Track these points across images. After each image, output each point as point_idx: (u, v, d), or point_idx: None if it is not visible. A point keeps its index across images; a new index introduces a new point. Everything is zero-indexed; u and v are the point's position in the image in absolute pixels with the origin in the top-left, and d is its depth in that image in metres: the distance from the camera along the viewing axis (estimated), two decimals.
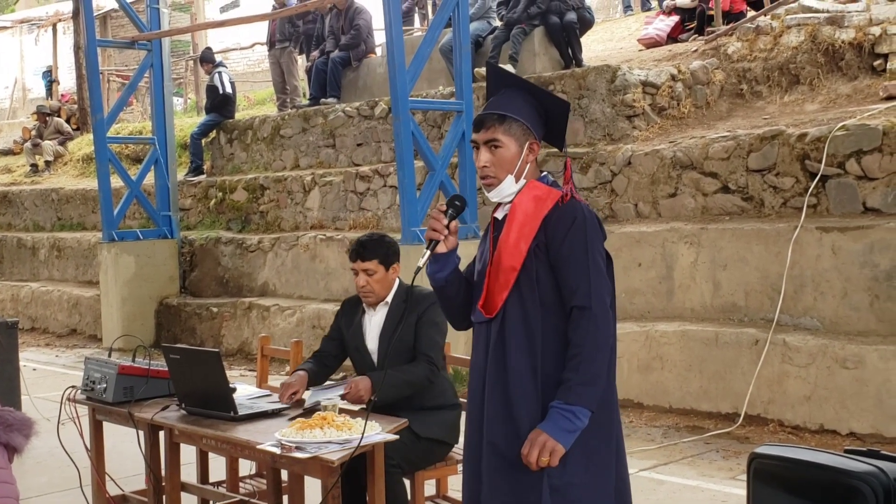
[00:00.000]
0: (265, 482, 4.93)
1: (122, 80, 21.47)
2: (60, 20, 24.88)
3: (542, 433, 3.04)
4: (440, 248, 3.26)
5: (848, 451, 2.86)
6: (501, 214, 3.29)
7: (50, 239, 15.23)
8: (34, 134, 18.89)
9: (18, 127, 22.47)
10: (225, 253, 12.32)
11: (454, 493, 4.79)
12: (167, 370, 4.71)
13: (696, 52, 10.32)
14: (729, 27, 10.41)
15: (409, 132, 8.87)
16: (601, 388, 3.08)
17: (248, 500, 5.00)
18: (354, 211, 11.19)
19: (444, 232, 3.24)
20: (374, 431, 3.94)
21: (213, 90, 13.81)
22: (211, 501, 5.28)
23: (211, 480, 5.48)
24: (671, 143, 8.74)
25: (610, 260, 3.28)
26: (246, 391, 4.91)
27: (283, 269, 11.54)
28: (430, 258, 3.26)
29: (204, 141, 13.94)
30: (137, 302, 12.38)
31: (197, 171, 13.88)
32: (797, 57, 9.30)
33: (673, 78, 9.70)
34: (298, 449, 3.80)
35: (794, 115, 8.77)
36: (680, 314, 7.98)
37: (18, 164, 19.14)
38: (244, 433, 4.17)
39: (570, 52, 10.91)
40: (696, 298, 7.92)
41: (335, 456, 3.74)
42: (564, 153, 3.54)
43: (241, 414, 4.36)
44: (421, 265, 3.26)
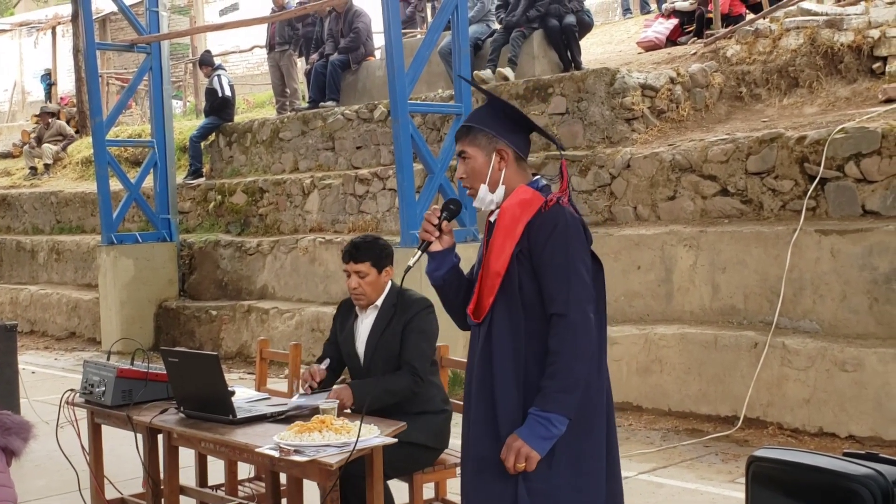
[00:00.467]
0: (264, 485, 4.93)
1: (121, 83, 21.48)
2: (59, 23, 24.89)
3: (518, 439, 3.07)
4: (434, 246, 3.31)
5: (847, 454, 2.86)
6: (494, 218, 3.31)
7: (49, 242, 15.23)
8: (34, 136, 18.90)
9: (17, 130, 22.48)
10: (224, 256, 12.32)
11: (453, 496, 4.79)
12: (166, 373, 4.71)
13: (695, 54, 10.32)
14: (728, 30, 10.42)
15: (408, 135, 8.87)
16: (579, 395, 3.08)
17: (246, 503, 5.00)
18: (353, 214, 11.19)
19: (435, 232, 3.28)
20: (371, 434, 3.94)
21: (212, 93, 13.82)
22: None
23: (210, 484, 5.47)
24: (670, 145, 8.74)
25: (600, 265, 3.28)
26: (245, 394, 4.90)
27: (282, 271, 11.54)
28: (420, 258, 3.30)
29: (203, 144, 13.94)
30: (136, 305, 12.38)
31: (196, 174, 13.88)
32: (796, 60, 9.30)
33: (672, 81, 9.70)
34: (297, 452, 3.80)
35: (793, 117, 8.77)
36: (679, 317, 7.98)
37: (17, 166, 19.14)
38: (243, 436, 4.17)
39: (569, 55, 10.92)
40: (695, 301, 7.92)
41: (333, 459, 3.74)
42: (560, 155, 3.54)
43: (239, 417, 4.36)
44: (411, 264, 3.31)
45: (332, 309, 10.36)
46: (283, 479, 4.56)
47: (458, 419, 3.78)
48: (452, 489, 4.77)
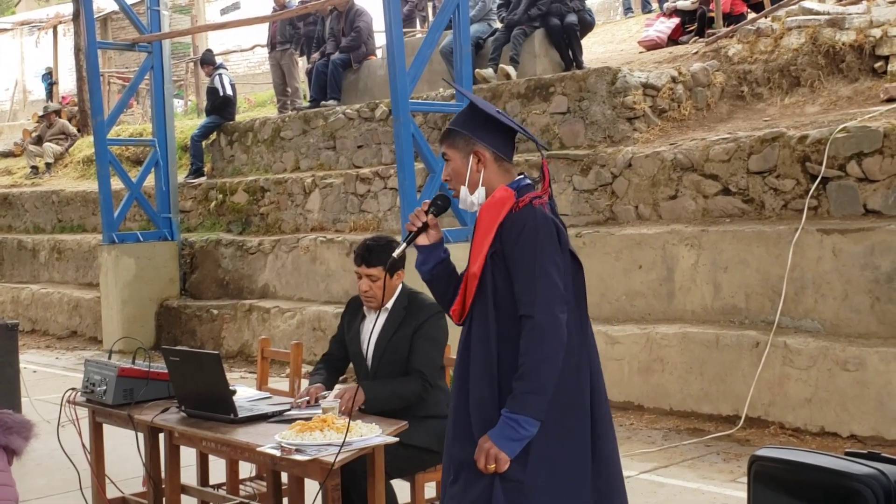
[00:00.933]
0: (265, 484, 4.93)
1: (122, 82, 21.49)
2: (61, 22, 24.91)
3: (488, 440, 3.08)
4: (421, 240, 3.35)
5: (849, 453, 2.86)
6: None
7: (50, 241, 15.23)
8: (35, 135, 18.91)
9: (19, 129, 22.49)
10: (225, 255, 12.32)
11: None
12: (167, 372, 4.71)
13: (696, 54, 10.32)
14: (729, 29, 10.41)
15: (409, 134, 8.87)
16: (547, 397, 3.07)
17: (248, 502, 5.00)
18: (355, 213, 11.19)
19: (418, 223, 3.32)
20: (373, 434, 3.94)
21: (213, 92, 13.82)
22: (211, 503, 5.27)
23: (211, 483, 5.48)
24: (672, 145, 8.74)
25: (578, 264, 3.26)
26: (246, 393, 4.90)
27: (283, 271, 11.54)
28: (404, 249, 3.37)
29: (204, 143, 13.94)
30: (138, 304, 12.37)
31: (197, 173, 13.88)
32: (798, 59, 9.30)
33: (673, 80, 9.69)
34: (298, 451, 3.80)
35: (794, 117, 8.76)
36: (680, 316, 7.98)
37: (19, 165, 19.15)
38: (244, 435, 4.16)
39: (570, 53, 10.91)
40: (696, 301, 7.91)
41: (334, 458, 3.73)
42: (542, 154, 3.54)
43: (241, 416, 4.36)
44: (395, 255, 3.41)
45: (333, 308, 10.38)
46: (284, 478, 4.56)
47: None
48: None
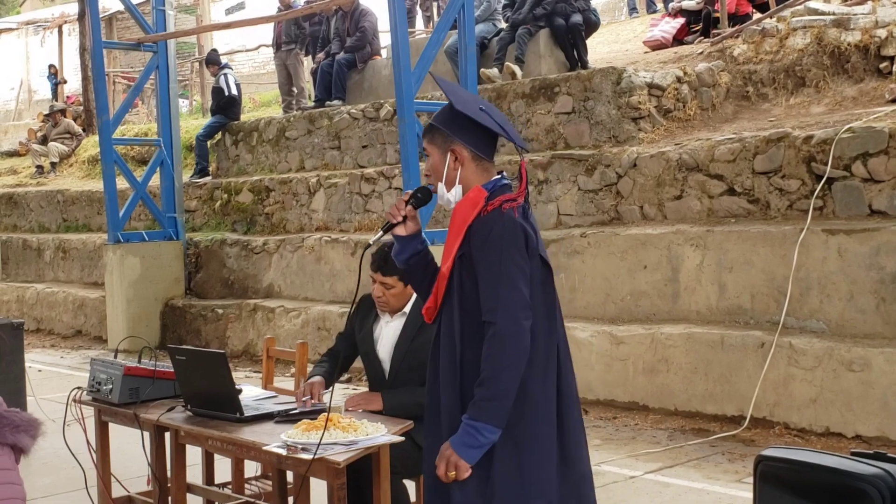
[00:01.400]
0: (271, 483, 4.93)
1: (127, 81, 21.53)
2: (66, 22, 24.94)
3: (448, 447, 3.06)
4: (399, 230, 3.32)
5: (855, 453, 2.85)
6: None
7: (55, 240, 15.25)
8: (40, 135, 18.94)
9: (24, 128, 22.53)
10: (230, 254, 12.33)
11: None
12: (173, 371, 4.72)
13: (701, 54, 10.31)
14: (735, 29, 10.40)
15: (414, 134, 8.87)
16: (508, 404, 3.04)
17: (253, 501, 5.00)
18: (359, 213, 11.19)
19: (398, 216, 3.29)
20: (379, 433, 3.95)
21: (218, 92, 13.83)
22: (216, 503, 5.28)
23: (216, 482, 5.48)
24: (677, 145, 8.73)
25: (548, 268, 3.23)
26: (252, 392, 4.91)
27: (288, 270, 11.55)
28: (380, 238, 3.35)
29: (209, 143, 13.96)
30: (143, 303, 12.39)
31: (202, 172, 13.90)
32: (803, 59, 9.29)
33: (678, 80, 9.69)
34: (304, 450, 3.80)
35: (799, 117, 8.76)
36: (685, 316, 7.97)
37: (24, 165, 19.19)
38: (250, 434, 4.17)
39: (575, 53, 10.91)
40: (701, 301, 7.91)
41: (341, 457, 3.74)
42: (520, 155, 3.52)
43: (246, 415, 4.36)
44: (371, 243, 3.42)
45: (338, 308, 10.39)
46: (290, 477, 4.56)
47: None
48: None
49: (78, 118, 19.48)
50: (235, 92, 13.81)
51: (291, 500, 4.51)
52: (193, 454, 5.06)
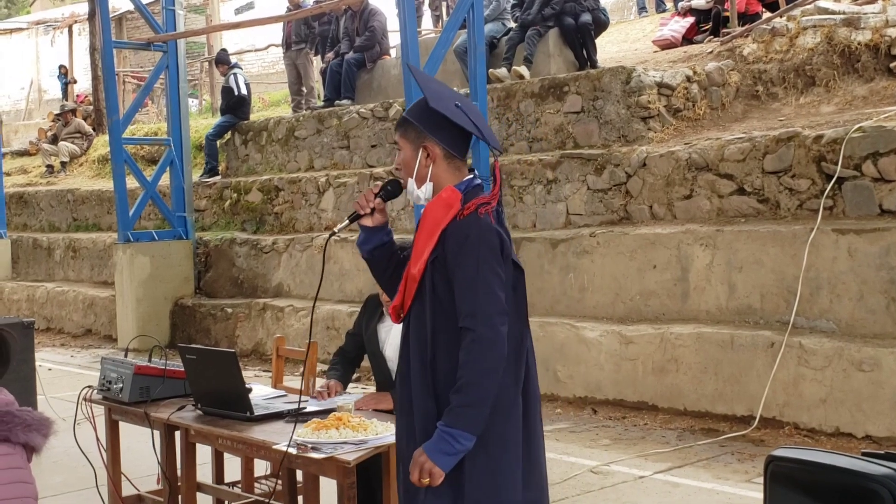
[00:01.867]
0: (280, 482, 4.94)
1: (137, 81, 21.58)
2: (76, 21, 25.03)
3: (423, 454, 3.02)
4: (365, 221, 3.30)
5: (865, 453, 2.85)
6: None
7: (65, 239, 15.29)
8: (50, 134, 18.99)
9: (34, 128, 22.61)
10: (239, 254, 12.35)
11: None
12: (183, 370, 4.73)
13: (711, 53, 10.30)
14: (744, 28, 10.39)
15: None
16: (486, 410, 3.01)
17: (263, 500, 5.01)
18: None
19: (366, 208, 3.27)
20: (389, 432, 3.95)
21: (228, 91, 13.85)
22: (226, 502, 5.29)
23: (226, 481, 5.50)
24: (686, 144, 8.72)
25: (520, 271, 3.20)
26: (261, 391, 4.92)
27: (297, 270, 11.56)
28: (345, 227, 3.34)
29: (219, 142, 13.99)
30: (152, 302, 12.42)
31: (212, 172, 13.93)
32: (813, 58, 9.27)
33: (688, 79, 9.68)
34: (314, 449, 3.81)
35: (809, 116, 8.74)
36: (695, 316, 7.96)
37: (34, 164, 19.25)
38: (260, 433, 4.18)
39: (584, 53, 10.90)
40: (711, 301, 7.90)
41: (351, 456, 3.74)
42: (494, 157, 3.51)
43: (256, 414, 4.37)
44: (336, 231, 3.38)
45: (347, 307, 10.40)
46: (299, 476, 4.57)
47: None
48: None
49: (88, 118, 19.53)
50: (245, 91, 13.84)
51: (301, 499, 4.52)
52: (203, 453, 5.07)
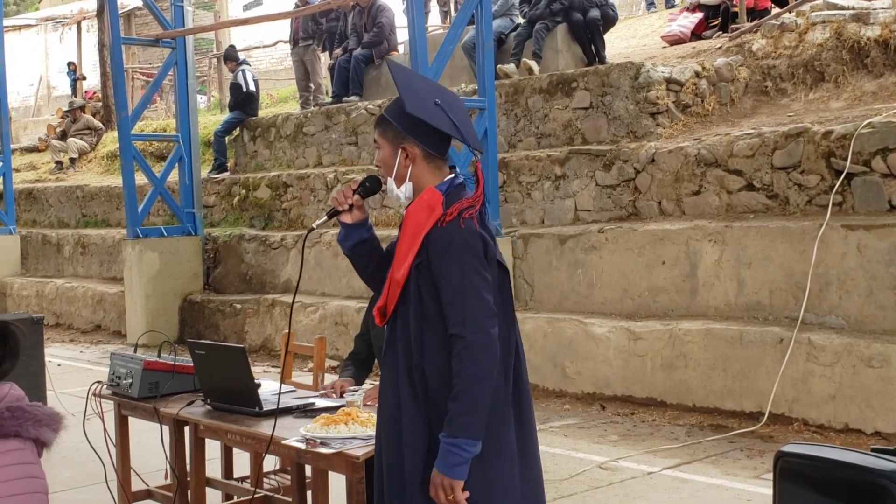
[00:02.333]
0: (289, 478, 4.94)
1: (146, 77, 21.61)
2: (85, 18, 25.06)
3: (438, 474, 3.01)
4: (344, 217, 3.31)
5: (875, 449, 2.84)
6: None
7: (74, 236, 15.33)
8: (59, 131, 19.03)
9: (43, 124, 22.65)
10: (248, 250, 12.37)
11: None
12: (193, 366, 4.73)
13: (720, 49, 10.27)
14: (753, 24, 10.36)
15: None
16: (485, 415, 3.01)
17: (272, 495, 5.02)
18: (377, 208, 11.20)
19: (345, 204, 3.28)
20: None
21: (236, 88, 13.87)
22: (235, 496, 5.30)
23: (235, 476, 5.51)
24: (695, 140, 8.71)
25: (505, 271, 3.19)
26: (270, 387, 4.92)
27: (305, 266, 11.57)
28: (323, 223, 3.37)
29: (227, 138, 14.01)
30: (161, 298, 12.45)
31: (220, 168, 13.94)
32: (822, 54, 9.24)
33: (697, 75, 9.66)
34: (323, 444, 3.81)
35: (819, 112, 8.71)
36: (704, 312, 7.95)
37: (43, 161, 19.29)
38: (269, 428, 4.18)
39: (593, 49, 10.88)
40: (720, 297, 7.89)
41: (360, 451, 3.74)
42: (475, 158, 3.49)
43: (265, 409, 4.37)
44: (314, 227, 3.41)
45: (355, 303, 10.40)
46: (308, 471, 4.57)
47: None
48: None
49: (97, 114, 19.57)
50: (253, 88, 13.85)
51: (310, 494, 4.53)
52: (212, 448, 5.08)
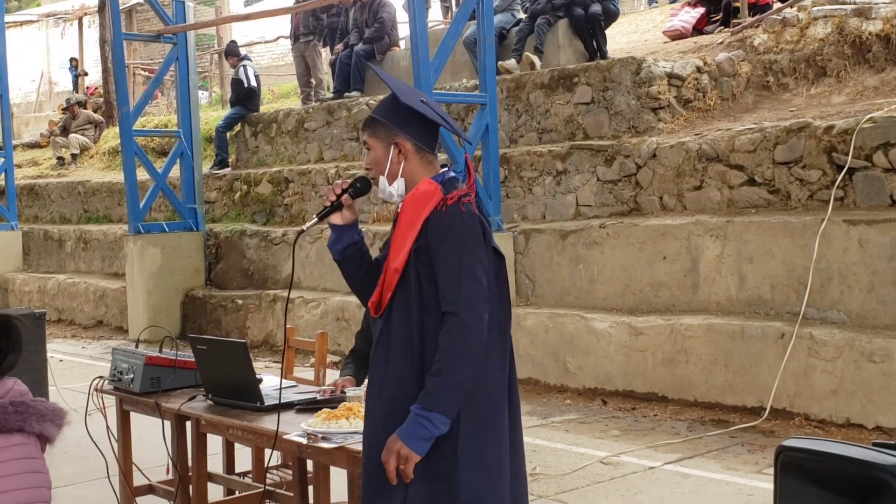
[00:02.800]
0: (291, 472, 4.95)
1: (147, 73, 21.61)
2: (86, 14, 25.06)
3: (397, 440, 2.99)
4: (335, 219, 3.28)
5: (877, 444, 2.84)
6: (398, 210, 3.26)
7: (76, 231, 15.34)
8: (60, 126, 19.04)
9: (45, 120, 22.66)
10: (250, 245, 12.38)
11: None
12: (194, 361, 4.74)
13: (721, 43, 10.26)
14: (755, 19, 10.35)
15: None
16: (460, 396, 3.00)
17: (274, 490, 5.02)
18: (378, 204, 11.20)
19: (332, 195, 3.27)
20: None
21: (237, 83, 13.87)
22: (237, 491, 5.31)
23: (237, 471, 5.51)
24: (697, 135, 8.70)
25: (501, 258, 3.22)
26: (272, 382, 4.93)
27: (307, 261, 11.58)
28: (313, 224, 3.33)
29: (229, 134, 14.01)
30: (163, 294, 12.46)
31: (222, 164, 13.95)
32: (824, 49, 9.23)
33: (699, 70, 9.65)
34: (325, 439, 3.81)
35: (820, 107, 8.71)
36: (705, 307, 7.95)
37: (45, 156, 19.30)
38: (270, 423, 4.19)
39: (594, 44, 10.88)
40: (721, 292, 7.89)
41: (361, 446, 3.74)
42: (464, 149, 3.52)
43: (267, 404, 4.38)
44: (304, 228, 3.40)
45: (356, 298, 10.40)
46: (310, 466, 4.58)
47: None
48: None
49: (98, 110, 19.58)
50: (254, 83, 13.85)
51: (312, 489, 4.53)
52: (214, 443, 5.08)
